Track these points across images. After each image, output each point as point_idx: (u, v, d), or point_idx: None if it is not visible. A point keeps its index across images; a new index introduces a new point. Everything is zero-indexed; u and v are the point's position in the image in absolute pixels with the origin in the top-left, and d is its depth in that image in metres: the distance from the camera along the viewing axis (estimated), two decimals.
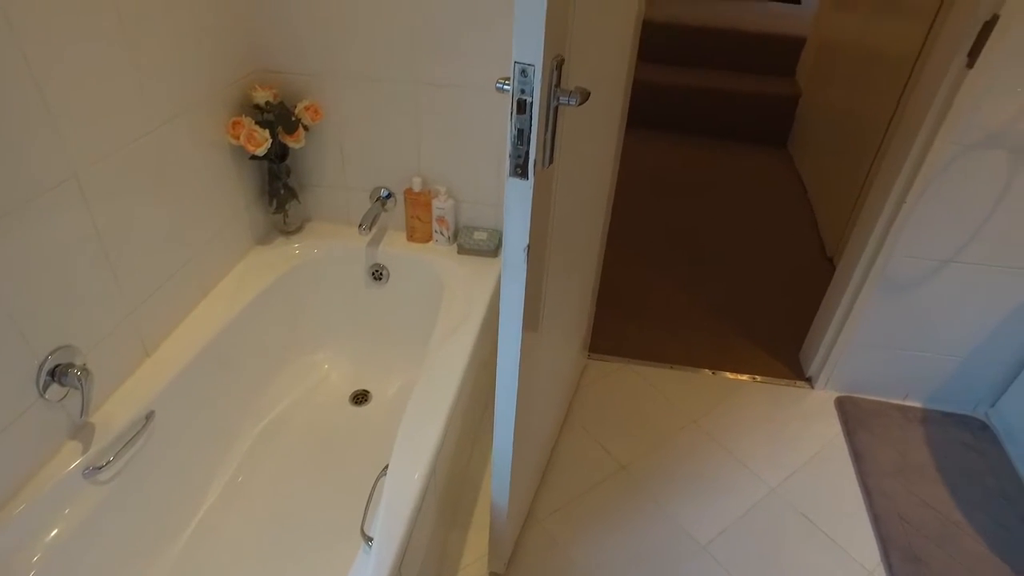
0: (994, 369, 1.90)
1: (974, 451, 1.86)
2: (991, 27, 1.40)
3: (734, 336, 2.21)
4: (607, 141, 1.44)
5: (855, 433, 1.87)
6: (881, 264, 1.74)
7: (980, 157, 1.55)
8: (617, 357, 2.07)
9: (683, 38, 3.77)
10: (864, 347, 1.91)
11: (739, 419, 1.90)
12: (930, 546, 1.60)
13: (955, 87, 1.49)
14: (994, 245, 1.67)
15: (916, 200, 1.63)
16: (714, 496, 1.69)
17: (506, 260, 0.92)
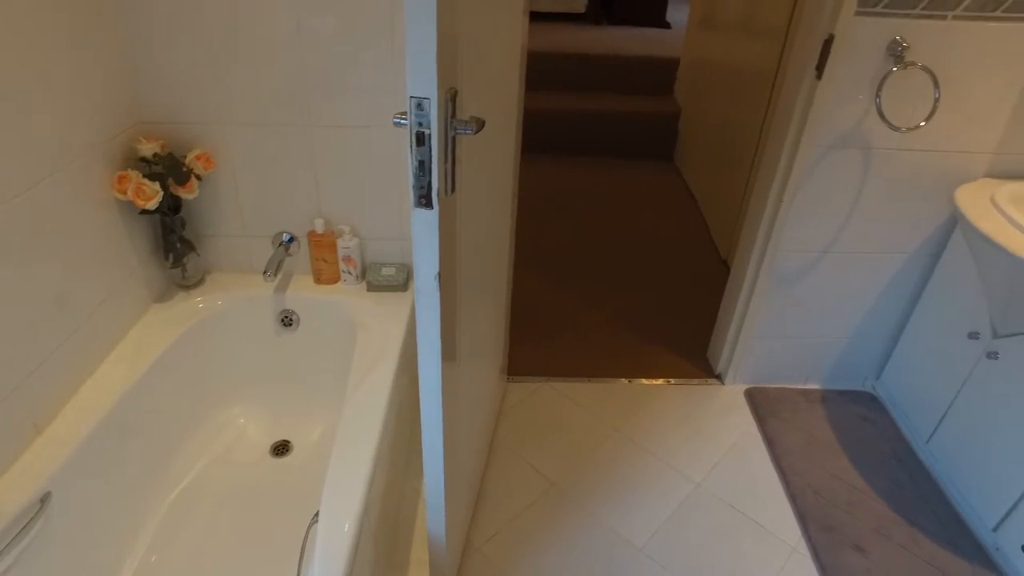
0: (875, 345, 2.08)
1: (868, 422, 2.02)
2: (830, 44, 1.57)
3: (645, 344, 2.30)
4: (505, 166, 1.49)
5: (765, 420, 1.99)
6: (769, 261, 1.88)
7: (839, 157, 1.71)
8: (535, 377, 2.11)
9: (567, 65, 3.93)
10: (763, 339, 2.04)
11: (659, 422, 1.98)
12: (841, 513, 1.72)
13: (809, 97, 1.65)
14: (860, 233, 1.84)
15: (791, 200, 1.78)
16: (644, 498, 1.74)
17: (418, 289, 0.93)
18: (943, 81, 1.59)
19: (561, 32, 4.39)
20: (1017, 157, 1.74)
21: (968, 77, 1.61)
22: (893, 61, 1.58)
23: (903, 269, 1.92)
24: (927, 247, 1.88)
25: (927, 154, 1.72)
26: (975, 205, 1.61)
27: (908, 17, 1.53)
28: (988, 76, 1.61)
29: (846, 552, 1.63)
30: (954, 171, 1.75)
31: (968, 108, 1.66)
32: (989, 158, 1.74)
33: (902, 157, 1.72)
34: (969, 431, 1.74)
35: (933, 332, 1.89)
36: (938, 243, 1.87)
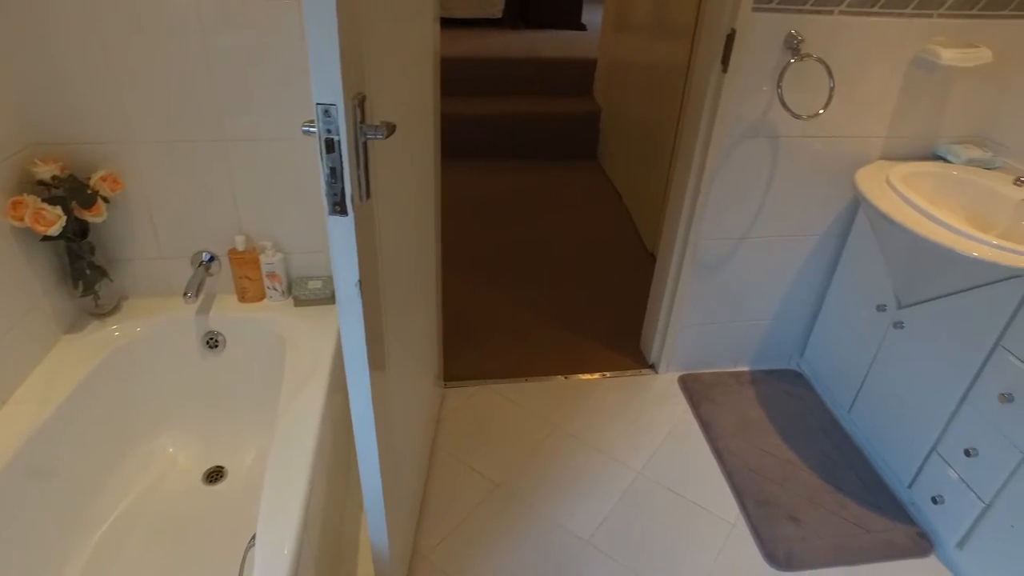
0: (796, 325, 2.17)
1: (794, 398, 2.11)
2: (732, 39, 1.64)
3: (579, 340, 2.33)
4: (425, 171, 1.49)
5: (700, 405, 2.05)
6: (691, 250, 1.94)
7: (749, 146, 1.79)
8: (473, 381, 2.11)
9: (488, 70, 3.96)
10: (692, 327, 2.11)
11: (597, 415, 2.01)
12: (775, 487, 1.79)
13: (718, 90, 1.72)
14: (774, 218, 1.93)
15: (708, 189, 1.84)
16: (587, 491, 1.77)
17: (340, 298, 0.92)
18: (836, 71, 1.69)
19: (480, 38, 4.41)
20: (906, 140, 1.86)
21: (857, 67, 1.71)
22: (791, 53, 1.67)
23: (816, 250, 2.02)
24: (836, 228, 1.98)
25: (828, 140, 1.82)
26: (873, 186, 1.71)
27: (800, 12, 1.62)
28: (873, 66, 1.72)
29: (782, 523, 1.70)
30: (853, 155, 1.85)
31: (860, 96, 1.76)
32: (882, 142, 1.85)
33: (807, 144, 1.82)
34: (883, 397, 1.84)
35: (846, 308, 1.99)
36: (845, 223, 1.98)
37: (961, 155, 1.84)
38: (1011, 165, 1.80)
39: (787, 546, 1.65)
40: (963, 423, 1.59)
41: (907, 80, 1.76)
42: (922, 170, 1.79)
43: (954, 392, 1.60)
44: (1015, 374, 1.45)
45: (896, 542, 1.68)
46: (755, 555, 1.64)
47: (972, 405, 1.56)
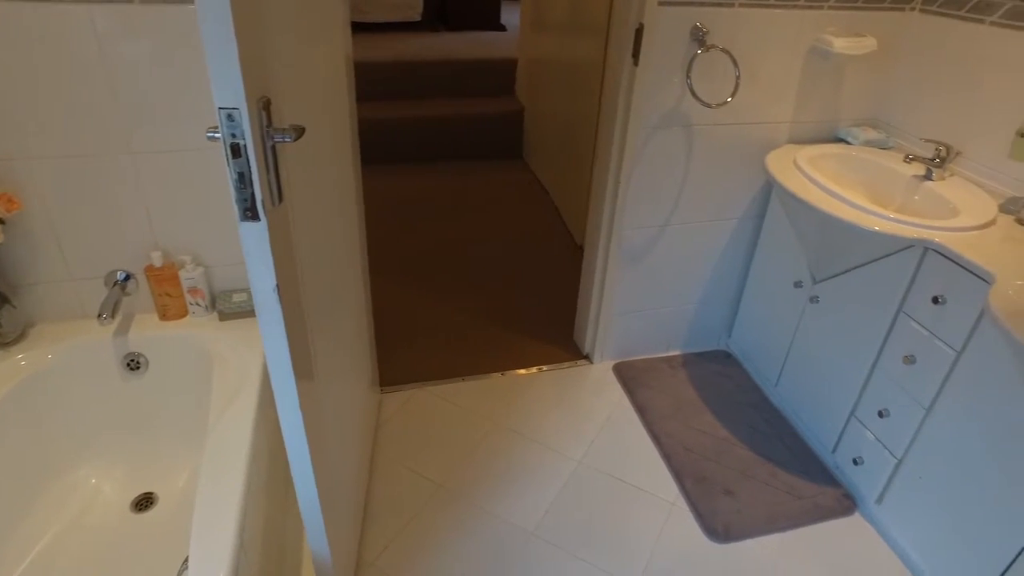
0: (722, 306, 2.25)
1: (725, 377, 2.19)
2: (641, 33, 1.69)
3: (514, 336, 2.35)
4: (343, 175, 1.47)
5: (635, 391, 2.10)
6: (616, 240, 1.99)
7: (664, 136, 1.85)
8: (410, 384, 2.10)
9: (410, 74, 3.94)
10: (623, 315, 2.16)
11: (536, 409, 2.04)
12: (711, 464, 1.85)
13: (631, 83, 1.76)
14: (693, 204, 1.99)
15: (628, 180, 1.89)
16: (529, 484, 1.79)
17: (259, 305, 0.90)
18: (741, 61, 1.76)
19: (400, 41, 4.39)
20: (810, 124, 1.96)
21: (760, 56, 1.79)
22: (697, 45, 1.73)
23: (735, 233, 2.10)
24: (752, 210, 2.07)
25: (739, 127, 1.90)
26: (782, 168, 1.79)
27: (704, 5, 1.68)
28: (775, 55, 1.80)
29: (718, 497, 1.76)
30: (763, 140, 1.94)
31: (765, 84, 1.84)
32: (789, 127, 1.94)
33: (719, 131, 1.89)
34: (805, 370, 1.94)
35: (766, 287, 2.08)
36: (761, 206, 2.06)
37: (859, 137, 1.95)
38: (902, 144, 1.92)
39: (725, 519, 1.71)
40: (875, 387, 1.69)
41: (806, 68, 1.86)
42: (826, 152, 1.89)
43: (866, 359, 1.69)
44: (915, 337, 1.55)
45: (823, 505, 1.77)
46: (695, 530, 1.70)
47: (882, 369, 1.66)
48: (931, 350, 1.51)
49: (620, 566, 1.60)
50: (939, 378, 1.50)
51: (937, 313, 1.49)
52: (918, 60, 1.86)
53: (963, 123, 1.75)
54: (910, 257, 1.54)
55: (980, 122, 1.70)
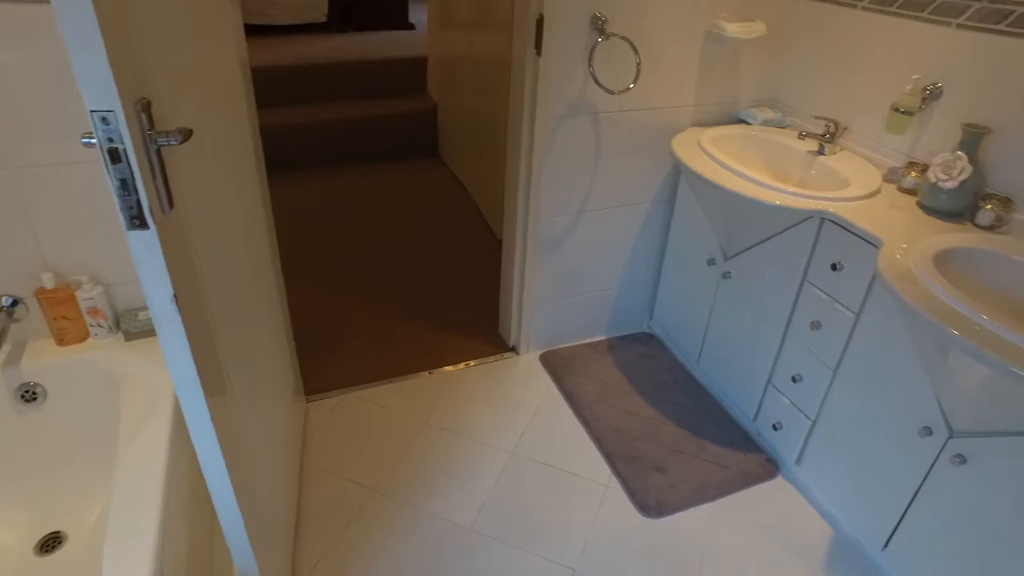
0: (642, 289, 2.31)
1: (650, 358, 2.24)
2: (542, 23, 1.70)
3: (440, 334, 2.34)
4: (246, 179, 1.42)
5: (563, 379, 2.13)
6: (533, 231, 2.00)
7: (572, 125, 1.87)
8: (336, 391, 2.06)
9: (319, 76, 3.84)
10: (545, 305, 2.18)
11: (466, 405, 2.03)
12: (641, 443, 1.90)
13: (535, 73, 1.78)
14: (606, 191, 2.03)
15: (540, 170, 1.91)
16: (464, 480, 1.78)
17: (157, 319, 0.86)
18: (641, 48, 1.80)
19: (306, 44, 4.27)
20: (712, 107, 2.03)
21: (659, 43, 1.84)
22: (597, 34, 1.76)
23: (649, 216, 2.15)
24: (663, 193, 2.12)
25: (645, 112, 1.95)
26: (688, 151, 1.85)
27: None
28: (673, 41, 1.86)
29: (650, 475, 1.81)
30: (668, 124, 2.00)
31: (666, 69, 1.90)
32: (692, 110, 2.01)
33: (625, 117, 1.93)
34: (724, 344, 2.01)
35: (682, 267, 2.15)
36: (671, 188, 2.12)
37: (758, 117, 2.04)
38: (797, 123, 2.02)
39: (657, 495, 1.75)
40: (788, 354, 1.77)
41: (704, 53, 1.92)
42: (728, 133, 1.96)
43: (777, 328, 1.77)
44: (819, 303, 1.63)
45: (749, 471, 1.84)
46: (629, 509, 1.73)
47: (792, 337, 1.74)
48: (833, 314, 1.59)
49: (559, 551, 1.62)
50: (842, 340, 1.58)
51: (836, 279, 1.58)
52: (805, 42, 1.95)
53: (848, 100, 1.85)
54: (809, 228, 1.62)
55: (862, 99, 1.81)
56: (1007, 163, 1.51)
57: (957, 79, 1.58)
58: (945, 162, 1.54)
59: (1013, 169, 1.50)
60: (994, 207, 1.51)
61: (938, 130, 1.64)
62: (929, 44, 1.62)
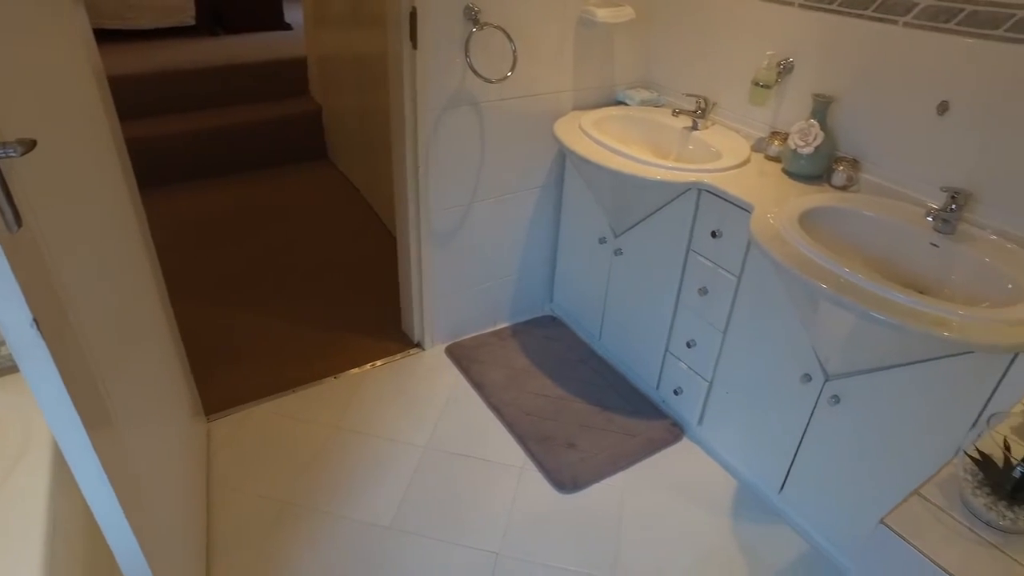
0: (540, 273, 2.36)
1: (553, 340, 2.30)
2: (415, 16, 1.69)
3: (343, 337, 2.29)
4: (115, 196, 1.34)
5: (470, 369, 2.14)
6: (426, 224, 2.00)
7: (454, 116, 1.88)
8: (240, 406, 1.98)
9: (192, 83, 3.64)
10: (446, 297, 2.18)
11: (375, 405, 2.01)
12: (551, 423, 1.94)
13: (412, 67, 1.77)
14: (495, 179, 2.06)
15: (426, 163, 1.90)
16: (379, 480, 1.76)
17: (16, 348, 0.80)
18: (516, 36, 1.83)
19: (175, 48, 4.04)
20: (591, 90, 2.09)
21: (534, 30, 1.88)
22: (472, 24, 1.77)
23: (539, 202, 2.19)
24: (552, 177, 2.17)
25: (526, 99, 1.98)
26: (570, 134, 1.90)
27: None
28: (547, 28, 1.90)
29: (562, 452, 1.85)
30: (550, 110, 2.04)
31: (543, 56, 1.94)
32: (571, 95, 2.06)
33: (507, 105, 1.95)
34: (622, 318, 2.09)
35: (576, 248, 2.20)
36: (558, 172, 2.17)
37: (635, 98, 2.12)
38: (671, 101, 2.11)
39: (571, 471, 1.80)
40: (681, 321, 1.86)
41: (578, 38, 1.98)
42: (608, 114, 2.03)
43: (669, 297, 1.86)
44: (704, 270, 1.72)
45: (656, 437, 1.93)
46: (546, 487, 1.77)
47: (684, 304, 1.83)
48: (718, 279, 1.69)
49: (480, 538, 1.63)
50: (727, 303, 1.68)
51: (717, 246, 1.67)
52: (672, 24, 2.05)
53: (715, 77, 1.96)
54: (688, 199, 1.71)
55: (727, 75, 1.92)
56: (852, 127, 1.64)
57: (805, 54, 1.70)
58: (801, 130, 1.66)
59: (857, 133, 1.64)
60: (845, 168, 1.64)
61: (794, 101, 1.76)
62: (779, 22, 1.74)
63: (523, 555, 1.60)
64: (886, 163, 1.60)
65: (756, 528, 1.70)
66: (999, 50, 1.35)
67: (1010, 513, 0.77)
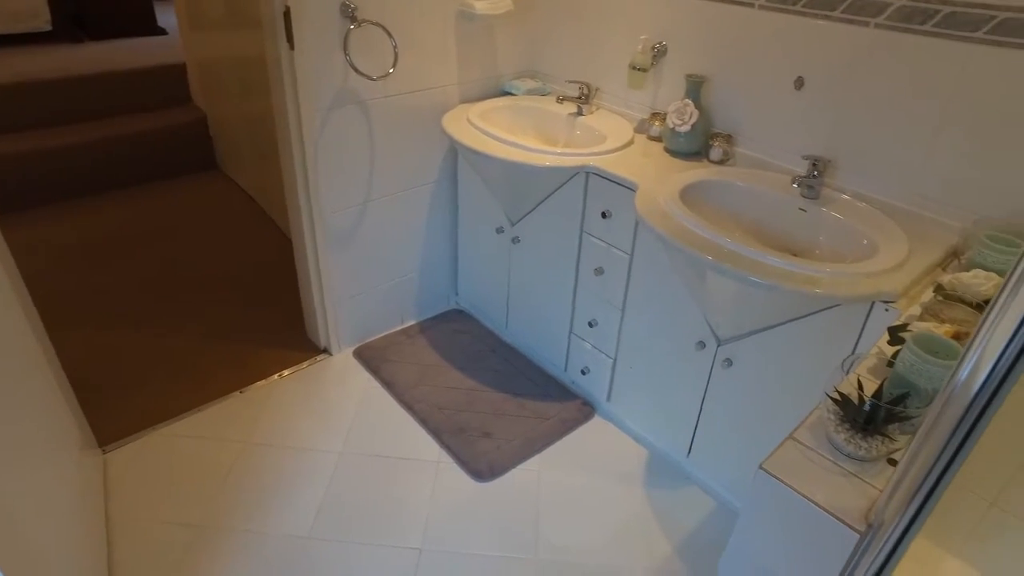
0: (443, 267, 2.36)
1: (461, 333, 2.31)
2: (290, 15, 1.65)
3: (247, 349, 2.22)
4: None
5: (379, 369, 2.12)
6: (321, 227, 1.96)
7: (340, 116, 1.85)
8: (138, 433, 1.88)
9: (55, 96, 3.39)
10: (348, 299, 2.15)
11: (285, 416, 1.96)
12: (465, 415, 1.96)
13: (292, 68, 1.73)
14: (388, 177, 2.04)
15: (314, 165, 1.86)
16: (294, 491, 1.72)
17: None
18: (396, 31, 1.82)
19: (31, 57, 3.74)
20: (477, 82, 2.11)
21: (414, 25, 1.87)
22: (349, 21, 1.75)
23: (435, 196, 2.20)
24: (445, 171, 2.18)
25: (412, 95, 1.97)
26: (458, 127, 1.91)
27: None
28: (427, 23, 1.90)
29: (478, 442, 1.87)
30: (437, 104, 2.04)
31: (426, 51, 1.93)
32: (458, 88, 2.07)
33: (394, 102, 1.94)
34: (526, 305, 2.12)
35: (475, 239, 2.22)
36: (452, 165, 2.18)
37: (521, 87, 2.15)
38: (556, 89, 2.16)
39: (487, 459, 1.82)
40: (581, 302, 1.91)
41: (459, 31, 1.99)
42: (495, 105, 2.05)
43: (568, 280, 1.91)
44: (598, 251, 1.78)
45: (568, 418, 1.98)
46: (464, 478, 1.79)
47: (582, 286, 1.89)
48: (611, 258, 1.75)
49: (403, 536, 1.63)
50: (623, 280, 1.75)
51: (607, 226, 1.73)
52: (551, 12, 2.09)
53: (595, 63, 2.02)
54: (578, 183, 1.76)
55: (606, 61, 1.98)
56: (724, 105, 1.74)
57: (677, 36, 1.78)
58: (677, 109, 1.74)
59: (729, 109, 1.73)
60: (720, 143, 1.74)
61: (670, 82, 1.84)
62: (650, 6, 1.81)
63: (446, 548, 1.61)
64: (757, 137, 1.70)
65: (668, 493, 1.78)
66: (838, 30, 1.47)
67: (864, 443, 0.84)
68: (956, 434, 0.65)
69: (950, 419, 0.65)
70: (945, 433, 0.66)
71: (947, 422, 0.65)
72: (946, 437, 0.66)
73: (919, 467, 0.69)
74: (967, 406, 0.63)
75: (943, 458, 0.67)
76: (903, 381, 0.88)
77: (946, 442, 0.66)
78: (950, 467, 0.68)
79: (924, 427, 0.67)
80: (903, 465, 0.71)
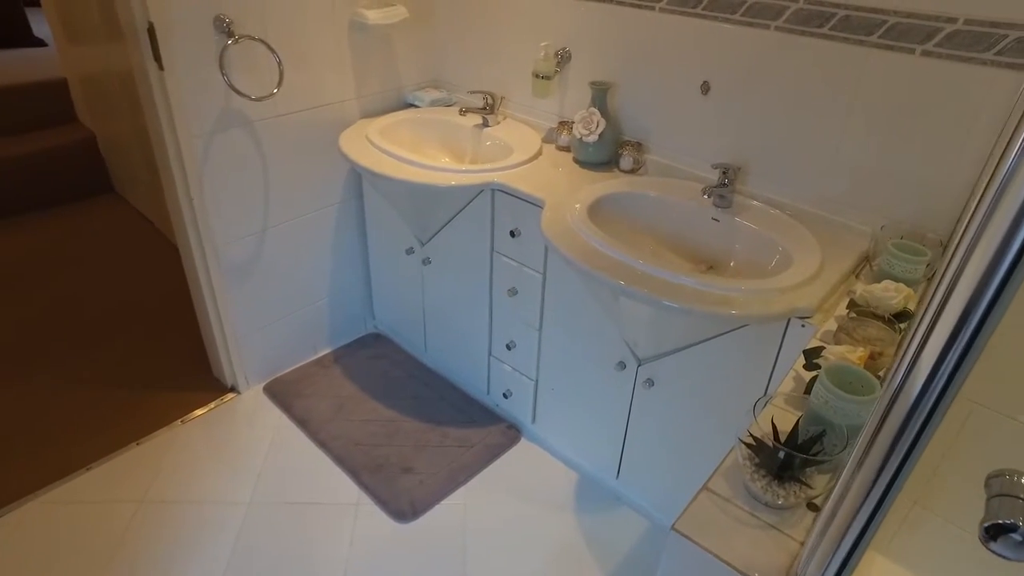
0: (356, 291, 2.23)
1: (379, 359, 2.19)
2: (155, 32, 1.50)
3: (144, 395, 2.04)
4: None
5: (292, 406, 1.99)
6: (214, 257, 1.81)
7: (224, 139, 1.70)
8: (16, 502, 1.68)
9: None
10: (253, 333, 2.00)
11: (188, 467, 1.80)
12: (384, 449, 1.85)
13: (163, 89, 1.57)
14: (287, 201, 1.90)
15: (201, 193, 1.71)
16: (199, 551, 1.58)
17: None
18: (281, 47, 1.68)
19: None
20: (376, 95, 1.99)
21: (301, 39, 1.74)
22: (225, 37, 1.60)
23: (340, 218, 2.07)
24: (349, 191, 2.05)
25: (306, 113, 1.84)
26: (355, 146, 1.79)
27: None
28: (316, 36, 1.77)
29: (399, 478, 1.77)
30: (335, 120, 1.91)
31: (316, 66, 1.80)
32: (356, 102, 1.95)
33: (286, 122, 1.80)
34: (443, 328, 2.02)
35: (386, 261, 2.10)
36: (356, 184, 2.06)
37: (425, 99, 2.04)
38: (462, 99, 2.07)
39: (409, 496, 1.72)
40: (498, 324, 1.83)
41: (353, 43, 1.86)
42: (397, 120, 1.94)
43: (483, 301, 1.82)
44: (511, 271, 1.70)
45: (493, 443, 1.90)
46: (384, 520, 1.68)
47: (497, 307, 1.80)
48: (524, 278, 1.67)
49: None
50: (537, 301, 1.67)
51: (517, 245, 1.65)
52: (450, 20, 1.99)
53: (499, 72, 1.93)
54: (484, 201, 1.67)
55: (510, 69, 1.90)
56: (632, 112, 1.68)
57: (579, 42, 1.72)
58: (583, 119, 1.68)
59: (637, 117, 1.68)
60: (630, 152, 1.68)
61: (576, 90, 1.77)
62: (551, 12, 1.73)
63: None
64: (667, 144, 1.66)
65: (600, 516, 1.72)
66: (740, 33, 1.43)
67: (782, 491, 0.79)
68: (877, 484, 0.60)
69: (869, 470, 0.60)
70: (865, 486, 0.60)
71: (867, 473, 0.60)
72: (867, 490, 0.60)
73: (840, 520, 0.64)
74: (885, 455, 0.58)
75: (865, 509, 0.62)
76: (818, 418, 0.83)
77: (866, 494, 0.61)
78: (875, 516, 0.62)
79: (843, 480, 0.62)
80: (824, 518, 0.66)
